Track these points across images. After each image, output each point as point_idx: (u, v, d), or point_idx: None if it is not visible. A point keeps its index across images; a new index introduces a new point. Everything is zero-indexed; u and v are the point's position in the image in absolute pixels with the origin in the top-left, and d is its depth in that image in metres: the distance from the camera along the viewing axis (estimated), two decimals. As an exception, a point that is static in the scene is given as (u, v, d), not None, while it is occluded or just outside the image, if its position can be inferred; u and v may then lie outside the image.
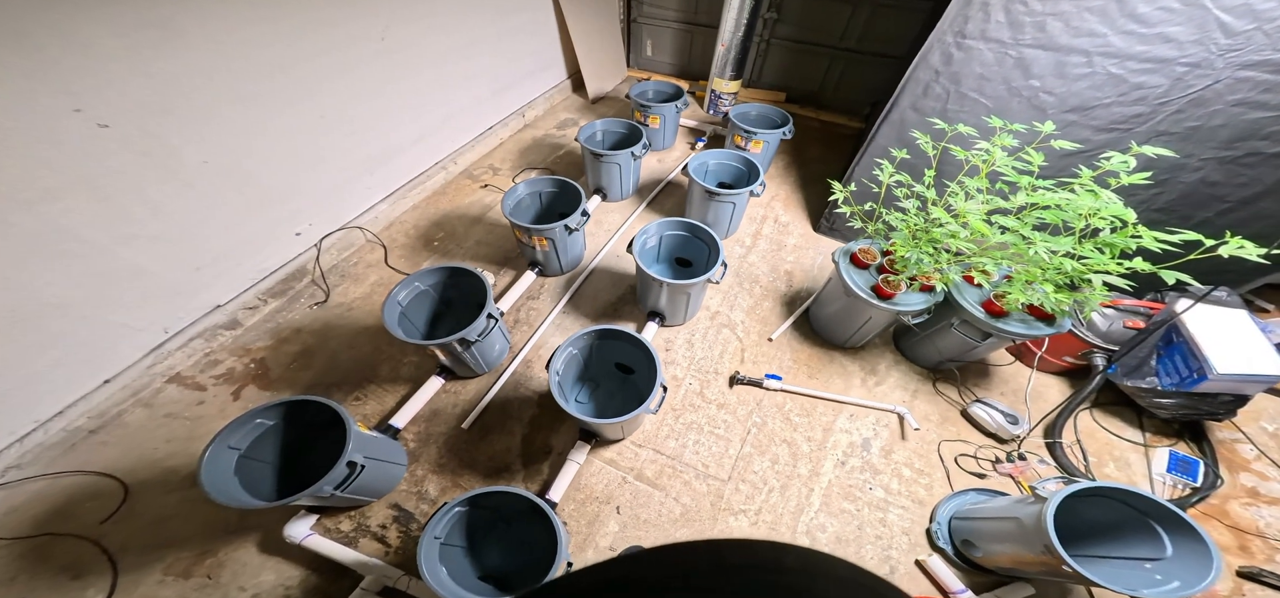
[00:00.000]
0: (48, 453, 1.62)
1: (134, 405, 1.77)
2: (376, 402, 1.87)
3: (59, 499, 1.55)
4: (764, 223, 2.79)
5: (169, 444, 1.69)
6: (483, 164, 3.10)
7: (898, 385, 1.98)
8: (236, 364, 1.93)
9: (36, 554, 1.45)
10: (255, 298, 2.06)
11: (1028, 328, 1.60)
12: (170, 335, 1.83)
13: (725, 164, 2.63)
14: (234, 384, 1.87)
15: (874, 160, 2.22)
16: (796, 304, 2.29)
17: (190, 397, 1.82)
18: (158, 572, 1.44)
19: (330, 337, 2.05)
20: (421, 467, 1.72)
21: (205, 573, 1.44)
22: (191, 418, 1.76)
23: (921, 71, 1.90)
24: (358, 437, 1.35)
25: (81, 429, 1.66)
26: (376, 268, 2.37)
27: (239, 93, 1.76)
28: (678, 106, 3.11)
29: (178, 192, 1.69)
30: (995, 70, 1.77)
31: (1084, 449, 1.78)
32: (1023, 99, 1.78)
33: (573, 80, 3.92)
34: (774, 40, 3.64)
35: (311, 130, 2.07)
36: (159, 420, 1.75)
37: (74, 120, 1.38)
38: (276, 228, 2.10)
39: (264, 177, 1.96)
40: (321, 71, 2.03)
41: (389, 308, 1.68)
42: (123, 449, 1.66)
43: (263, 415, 1.36)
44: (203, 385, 1.85)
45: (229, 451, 1.30)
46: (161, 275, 1.74)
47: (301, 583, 1.44)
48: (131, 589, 1.41)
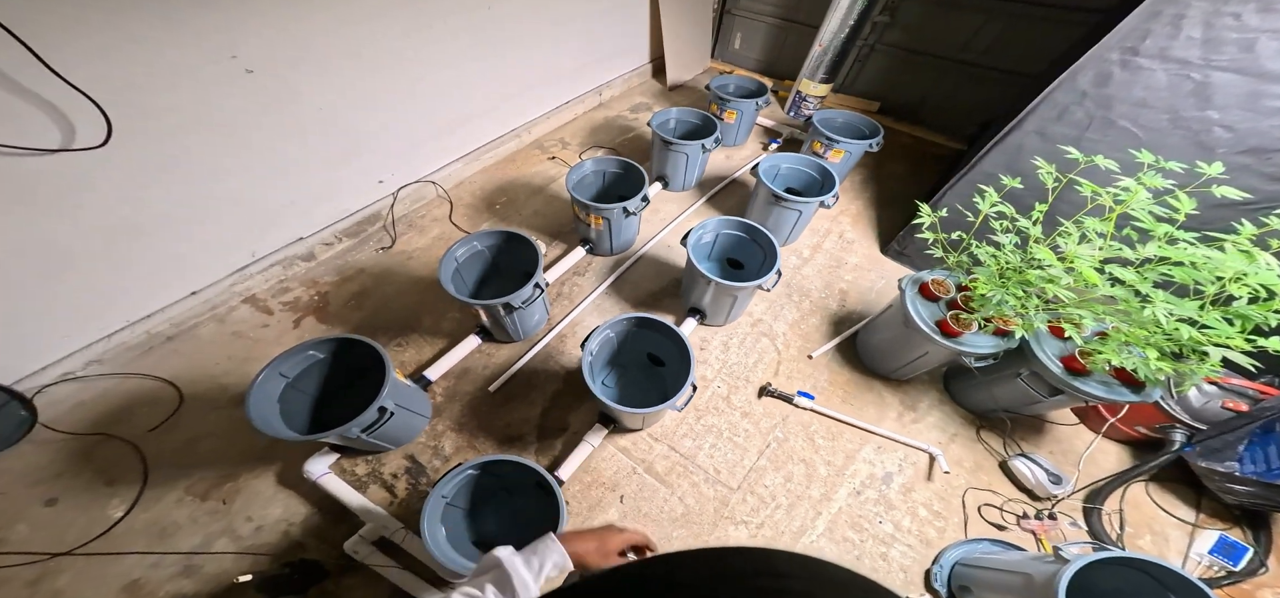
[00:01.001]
0: (128, 353, 1.83)
1: (209, 319, 1.99)
2: (415, 350, 1.98)
3: (123, 400, 1.73)
4: (827, 236, 2.62)
5: (229, 361, 1.88)
6: (553, 137, 3.18)
7: (936, 426, 1.86)
8: (303, 294, 2.13)
9: (86, 453, 1.61)
10: (332, 235, 2.27)
11: (1109, 392, 1.40)
12: (255, 259, 2.05)
13: (798, 170, 2.49)
14: (297, 313, 2.06)
15: (975, 186, 2.00)
16: (845, 326, 2.16)
17: (258, 319, 2.03)
18: (180, 489, 1.56)
19: (387, 281, 2.21)
20: (442, 423, 1.78)
21: (221, 498, 1.56)
22: (253, 338, 1.96)
23: (1063, 93, 1.65)
24: (394, 384, 1.41)
25: (161, 334, 1.90)
26: (441, 222, 2.52)
27: (353, 50, 1.93)
28: (758, 104, 2.99)
29: (293, 133, 1.89)
30: (1163, 96, 1.50)
31: (1124, 519, 1.65)
32: (1187, 133, 1.50)
33: (654, 65, 3.91)
34: (879, 46, 3.37)
35: (407, 89, 2.23)
36: (226, 337, 1.96)
37: (229, 65, 1.60)
38: (363, 174, 2.29)
39: (362, 126, 2.14)
40: (429, 35, 2.18)
41: (446, 263, 1.77)
42: (189, 360, 1.87)
43: (315, 349, 1.45)
44: (270, 310, 2.06)
45: (279, 378, 1.41)
46: (261, 203, 1.95)
47: (304, 522, 1.53)
48: (151, 504, 1.53)
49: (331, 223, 2.26)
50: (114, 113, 1.40)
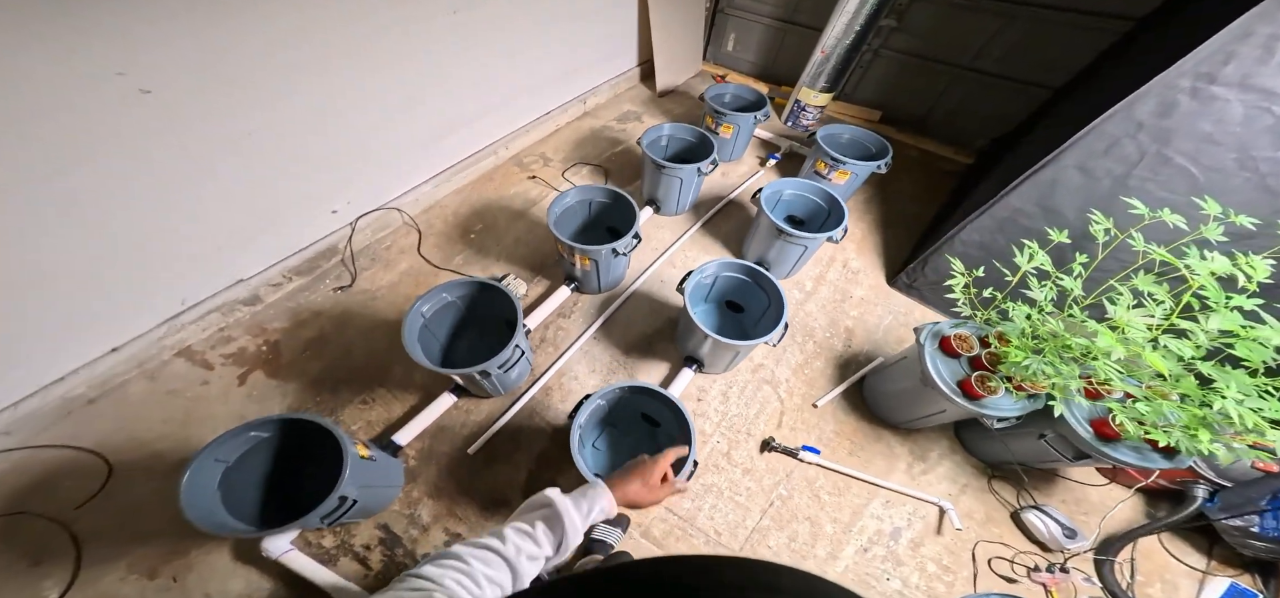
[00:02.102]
0: (41, 421, 1.63)
1: (138, 377, 1.79)
2: (384, 408, 1.81)
3: (42, 473, 1.56)
4: (831, 265, 2.51)
5: (164, 425, 1.69)
6: (534, 152, 2.99)
7: (946, 477, 1.81)
8: (249, 344, 1.93)
9: (5, 531, 1.45)
10: (280, 274, 2.06)
11: (1141, 459, 1.34)
12: (187, 307, 1.84)
13: (802, 196, 2.36)
14: (243, 367, 1.86)
15: (1000, 221, 1.89)
16: (851, 369, 2.06)
17: (196, 374, 1.82)
18: (122, 567, 1.42)
19: (348, 326, 2.02)
20: (418, 488, 1.65)
21: (171, 574, 1.41)
22: (192, 398, 1.77)
23: (1116, 124, 1.51)
24: (355, 466, 1.27)
25: (80, 397, 1.69)
26: (409, 255, 2.33)
27: (289, 62, 1.71)
28: (757, 118, 2.85)
29: (215, 160, 1.67)
30: (1235, 132, 1.37)
31: (1135, 568, 1.64)
32: (1256, 176, 1.38)
33: (642, 69, 3.73)
34: (883, 51, 3.25)
35: (362, 105, 2.02)
36: (160, 397, 1.76)
37: (114, 84, 1.36)
38: (312, 202, 2.08)
39: (307, 149, 1.92)
40: (384, 45, 1.97)
41: (411, 321, 1.60)
42: (117, 424, 1.68)
43: (258, 429, 1.30)
44: (211, 364, 1.86)
45: (216, 463, 1.25)
46: (186, 244, 1.74)
47: (270, 596, 1.40)
48: (90, 585, 1.39)
49: (278, 260, 2.05)
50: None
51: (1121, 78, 1.65)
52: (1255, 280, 1.03)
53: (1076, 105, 2.11)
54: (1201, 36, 1.32)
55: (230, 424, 1.67)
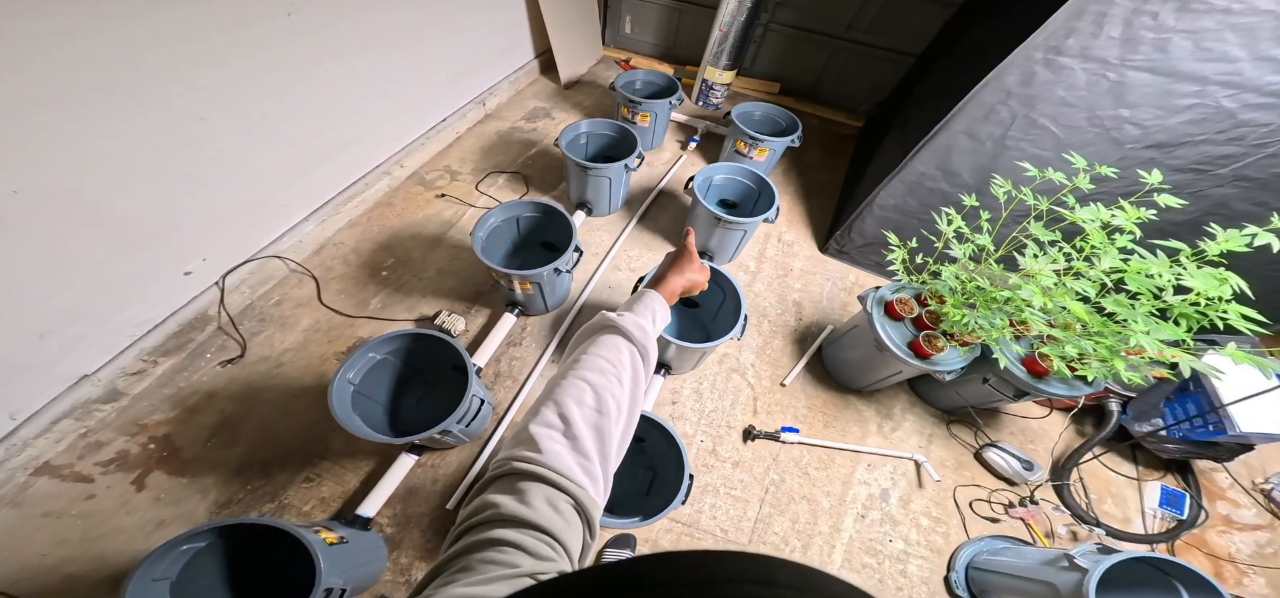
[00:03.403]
0: None
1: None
2: (334, 481, 1.63)
3: None
4: (768, 242, 2.71)
5: (60, 548, 1.41)
6: (437, 166, 2.79)
7: (913, 430, 2.03)
8: (129, 446, 1.61)
9: None
10: (138, 360, 1.72)
11: (1070, 389, 1.63)
12: (20, 422, 1.48)
13: (733, 179, 2.50)
14: (132, 471, 1.56)
15: (910, 184, 2.17)
16: (808, 341, 2.26)
17: (73, 490, 1.51)
18: None
19: (257, 402, 1.75)
20: (406, 554, 1.55)
21: None
22: (82, 514, 1.47)
23: (989, 93, 1.81)
24: (328, 557, 1.13)
25: None
26: (309, 307, 2.05)
27: (69, 95, 1.34)
28: (671, 103, 2.94)
29: None
30: (1083, 95, 1.71)
31: (1086, 488, 1.93)
32: (1102, 131, 1.75)
33: (542, 61, 3.62)
34: (774, 26, 3.52)
35: (195, 137, 1.67)
36: (37, 522, 1.45)
37: None
38: (154, 267, 1.72)
39: (120, 202, 1.55)
40: (208, 67, 1.63)
41: (339, 393, 1.43)
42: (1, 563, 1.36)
43: (190, 541, 1.11)
44: (87, 476, 1.54)
45: (154, 585, 1.07)
46: None
47: None
48: None
49: (129, 343, 1.71)
50: None
51: (985, 51, 1.98)
52: (1130, 225, 1.31)
53: (944, 76, 2.49)
54: (1047, 13, 1.65)
55: (147, 531, 1.50)
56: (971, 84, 1.86)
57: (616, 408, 0.55)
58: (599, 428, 0.51)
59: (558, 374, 0.57)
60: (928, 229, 1.71)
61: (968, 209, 1.64)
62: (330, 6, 1.97)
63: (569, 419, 0.50)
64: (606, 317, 0.65)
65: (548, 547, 0.41)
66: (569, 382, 0.54)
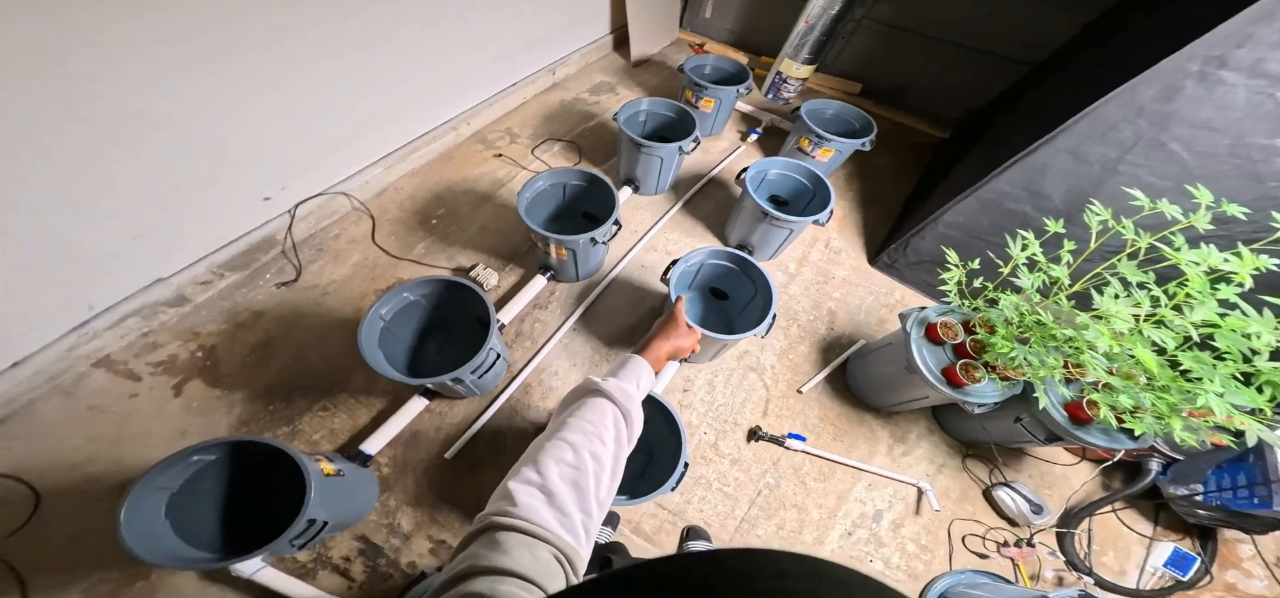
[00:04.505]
0: None
1: (51, 394, 1.61)
2: (348, 414, 1.72)
3: None
4: (814, 246, 2.55)
5: (92, 445, 1.55)
6: (499, 127, 2.86)
7: (924, 458, 1.92)
8: (181, 351, 1.77)
9: None
10: (209, 271, 1.89)
11: (1111, 441, 1.44)
12: (97, 313, 1.65)
13: (787, 175, 2.36)
14: (176, 376, 1.71)
15: (986, 204, 1.94)
16: (834, 352, 2.13)
17: (121, 388, 1.67)
18: (77, 594, 1.33)
19: (298, 327, 1.89)
20: (395, 497, 1.60)
21: None
22: (121, 414, 1.62)
23: (1114, 107, 1.54)
24: (321, 487, 1.19)
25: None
26: (362, 245, 2.19)
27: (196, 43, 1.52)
28: (738, 91, 2.82)
29: (106, 145, 1.46)
30: (1236, 119, 1.41)
31: (1092, 536, 1.81)
32: (1244, 162, 1.45)
33: (615, 37, 3.61)
34: (866, 22, 3.25)
35: (294, 79, 1.83)
36: (81, 415, 1.60)
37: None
38: (240, 189, 1.90)
39: (227, 130, 1.72)
40: (314, 14, 1.78)
41: (369, 326, 1.49)
42: (34, 447, 1.52)
43: (201, 453, 1.19)
44: (137, 375, 1.70)
45: (157, 492, 1.15)
46: (89, 242, 1.55)
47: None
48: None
49: (204, 254, 1.88)
50: None
51: (1118, 62, 1.69)
52: (1243, 276, 1.08)
53: (1063, 86, 2.18)
54: (1215, 19, 1.35)
55: (170, 440, 1.60)
56: (1091, 98, 1.59)
57: (596, 466, 0.56)
58: (577, 484, 0.53)
59: (542, 436, 0.59)
60: (995, 253, 1.51)
61: (1048, 236, 1.44)
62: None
63: (546, 475, 0.52)
64: (591, 381, 0.68)
65: (525, 592, 0.42)
66: (552, 443, 0.57)
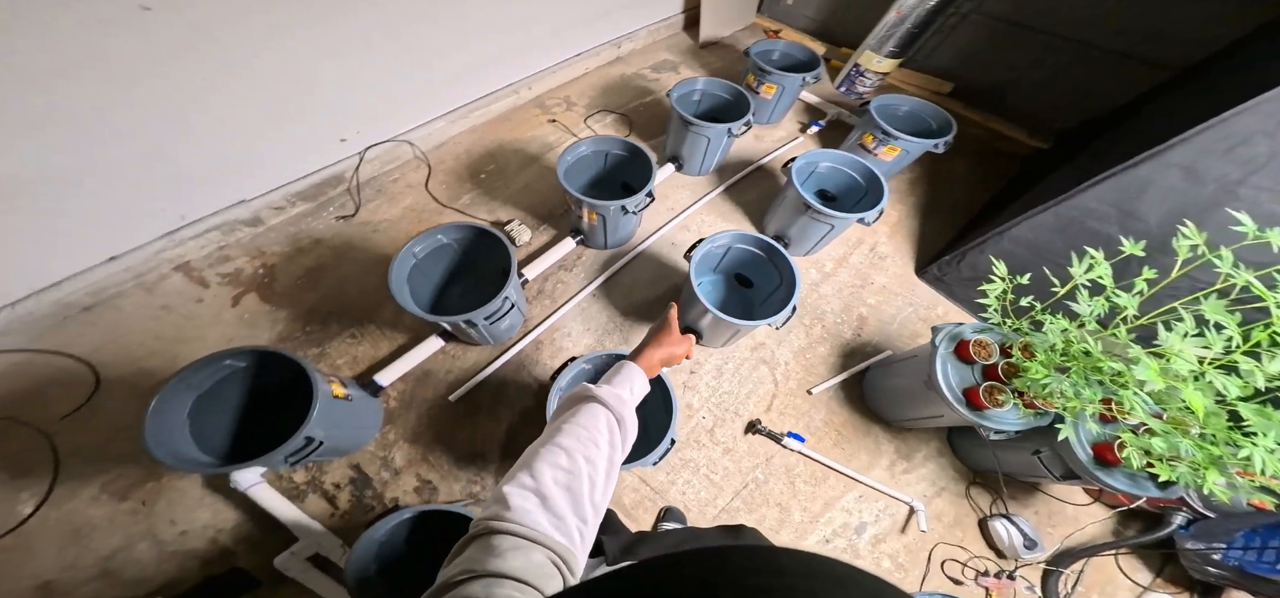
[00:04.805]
0: (37, 325, 1.71)
1: (135, 288, 1.86)
2: (371, 345, 1.86)
3: (32, 379, 1.62)
4: (857, 248, 2.39)
5: (155, 341, 1.76)
6: (558, 95, 2.94)
7: (927, 478, 1.82)
8: (247, 265, 2.00)
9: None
10: (284, 199, 2.12)
11: (1135, 487, 1.31)
12: (187, 223, 1.91)
13: (840, 170, 2.21)
14: (237, 288, 1.93)
15: (1066, 221, 1.70)
16: (856, 358, 2.02)
17: (191, 292, 1.90)
18: (96, 487, 1.49)
19: (346, 258, 2.07)
20: (395, 431, 1.70)
21: (141, 498, 1.49)
22: (185, 316, 1.84)
23: (1253, 117, 1.30)
24: (325, 407, 1.28)
25: (76, 304, 1.76)
26: (415, 190, 2.35)
27: None
28: (805, 79, 2.67)
29: (217, 81, 1.68)
30: None
31: (1080, 578, 1.66)
32: None
33: (687, 16, 3.56)
34: (975, 15, 2.90)
35: (378, 32, 1.99)
36: (154, 311, 1.83)
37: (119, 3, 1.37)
38: (321, 129, 2.11)
39: (318, 76, 1.93)
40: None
41: (401, 262, 1.59)
42: (109, 335, 1.74)
43: (233, 358, 1.33)
44: (206, 282, 1.93)
45: (187, 391, 1.29)
46: (190, 160, 1.78)
47: (234, 529, 1.47)
48: (64, 500, 1.46)
49: (282, 184, 2.11)
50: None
51: (1264, 68, 1.40)
52: None
53: (1187, 96, 1.84)
54: None
55: (219, 346, 1.71)
56: (1222, 106, 1.34)
57: (590, 470, 0.57)
58: (571, 488, 0.54)
59: (537, 442, 0.60)
60: (1058, 273, 1.31)
61: (1121, 258, 1.23)
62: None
63: (540, 480, 0.53)
64: (586, 388, 0.68)
65: (521, 593, 0.42)
66: (546, 449, 0.57)
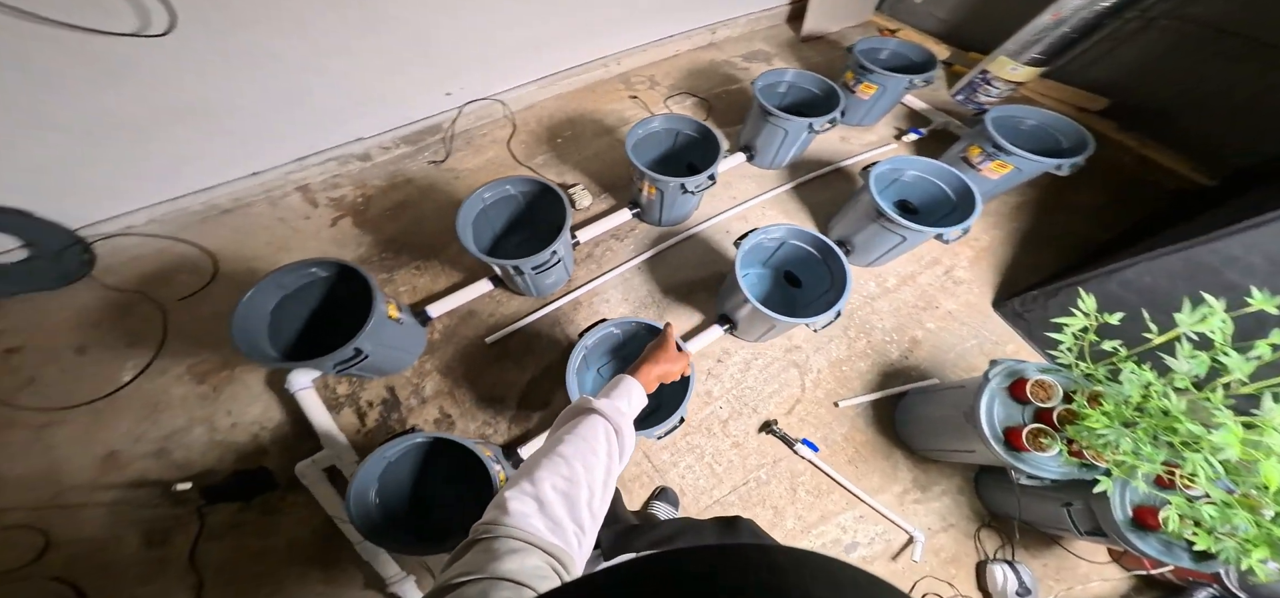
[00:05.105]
0: (187, 218, 2.06)
1: (262, 201, 2.22)
2: (431, 278, 2.05)
3: (167, 262, 1.94)
4: (930, 268, 2.19)
5: (267, 247, 2.06)
6: (644, 73, 2.98)
7: (937, 512, 1.70)
8: (350, 194, 2.30)
9: (122, 307, 1.82)
10: (391, 140, 2.41)
11: (1168, 554, 1.17)
12: (314, 151, 2.24)
13: (926, 179, 2.01)
14: (339, 212, 2.23)
15: (1198, 267, 1.41)
16: (897, 381, 1.89)
17: (303, 209, 2.22)
18: (183, 367, 1.72)
19: (428, 198, 2.30)
20: (431, 362, 1.83)
21: (213, 385, 1.71)
22: (293, 229, 2.15)
23: None
24: (379, 324, 1.42)
25: (218, 207, 2.12)
26: (498, 146, 2.54)
27: None
28: (913, 81, 2.44)
29: (362, 31, 1.95)
30: None
31: None
32: None
33: (793, 7, 3.41)
34: (1161, 20, 2.42)
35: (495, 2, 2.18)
36: (272, 222, 2.15)
37: None
38: (432, 82, 2.36)
39: (438, 33, 2.15)
40: None
41: (470, 203, 1.72)
42: (235, 235, 2.07)
43: (318, 267, 1.50)
44: (316, 203, 2.25)
45: (281, 290, 1.48)
46: (326, 99, 2.09)
47: (275, 428, 1.66)
48: (157, 375, 1.70)
49: (393, 127, 2.39)
50: (180, 6, 1.55)
51: None
52: None
53: None
54: None
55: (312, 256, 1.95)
56: None
57: (588, 476, 0.59)
58: (569, 495, 0.55)
59: (538, 453, 0.62)
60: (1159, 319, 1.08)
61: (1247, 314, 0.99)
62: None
63: (539, 487, 0.55)
64: (587, 400, 0.70)
65: (516, 593, 0.43)
66: (546, 458, 0.59)
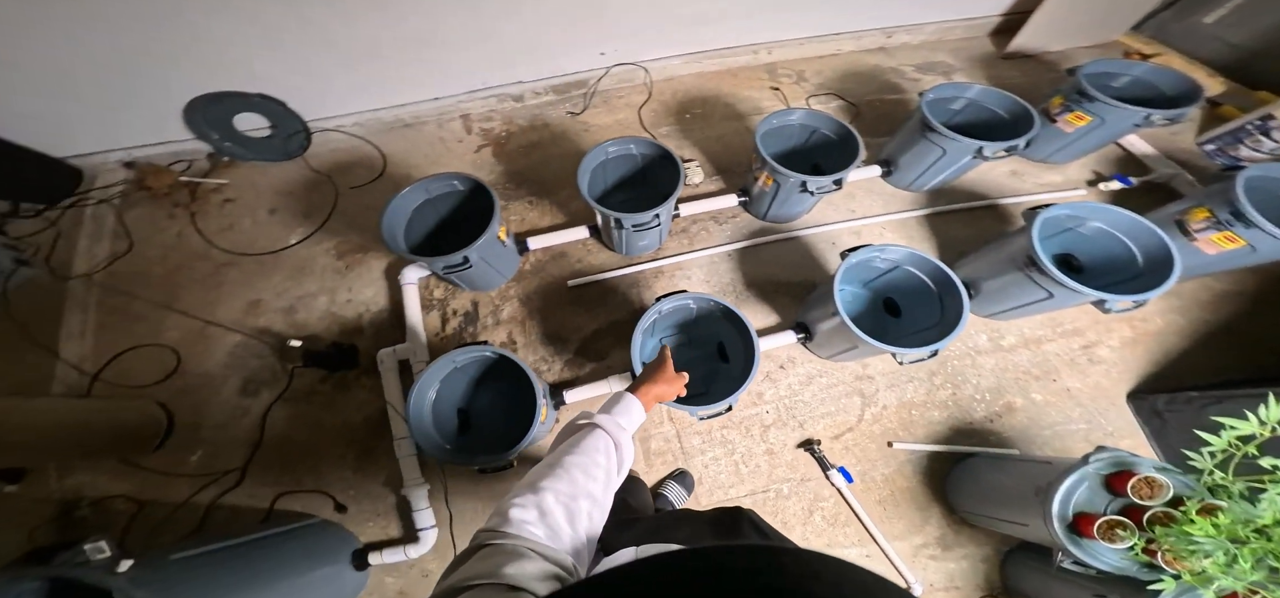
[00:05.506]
0: (378, 126, 2.46)
1: (433, 122, 2.57)
2: (540, 213, 2.22)
3: (351, 158, 2.32)
4: (1066, 337, 1.85)
5: (425, 159, 2.39)
6: (793, 67, 2.81)
7: (948, 574, 1.56)
8: (497, 127, 2.57)
9: (312, 184, 2.21)
10: (543, 87, 2.63)
11: None
12: (485, 87, 2.56)
13: (1113, 236, 1.60)
14: (484, 142, 2.50)
15: None
16: (970, 441, 1.70)
17: (459, 134, 2.53)
18: (331, 244, 2.04)
19: (557, 144, 2.48)
20: (515, 289, 1.98)
21: (347, 264, 2.01)
22: (448, 149, 2.47)
23: None
24: (488, 241, 1.58)
25: (401, 121, 2.50)
26: (630, 110, 2.62)
27: None
28: (1150, 116, 1.90)
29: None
30: None
31: None
32: None
33: (1006, 20, 2.88)
34: None
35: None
36: (434, 140, 2.50)
37: None
38: (589, 41, 2.53)
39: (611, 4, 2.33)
40: None
41: (593, 155, 1.81)
42: (406, 146, 2.42)
43: (455, 180, 1.73)
44: (471, 130, 2.55)
45: (425, 195, 1.72)
46: (504, 43, 2.36)
47: (376, 314, 1.91)
48: (313, 244, 2.07)
49: (548, 76, 2.61)
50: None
51: None
52: None
53: None
54: None
55: None
56: None
57: (588, 486, 0.61)
58: (569, 505, 0.56)
59: (540, 464, 0.63)
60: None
61: None
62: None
63: (540, 495, 0.56)
64: (588, 415, 0.73)
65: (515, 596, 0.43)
66: (548, 469, 0.61)
